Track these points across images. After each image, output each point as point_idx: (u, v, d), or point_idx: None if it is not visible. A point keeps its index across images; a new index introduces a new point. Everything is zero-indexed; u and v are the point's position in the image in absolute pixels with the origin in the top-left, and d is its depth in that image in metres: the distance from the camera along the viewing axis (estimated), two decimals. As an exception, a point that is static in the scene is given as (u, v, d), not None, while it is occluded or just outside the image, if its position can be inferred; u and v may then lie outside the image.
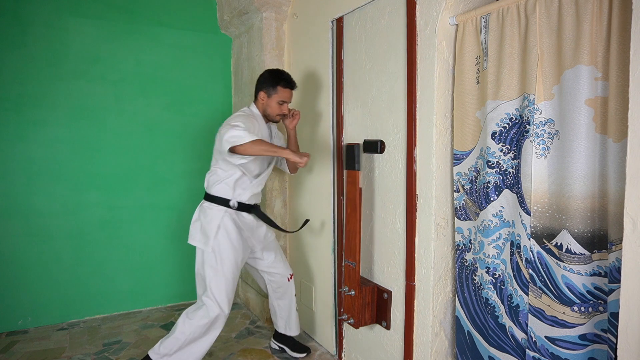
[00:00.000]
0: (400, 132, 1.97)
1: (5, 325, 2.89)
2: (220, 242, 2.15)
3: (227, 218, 2.18)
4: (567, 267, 1.46)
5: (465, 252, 1.82)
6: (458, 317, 1.86)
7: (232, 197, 2.20)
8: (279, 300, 2.53)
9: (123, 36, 3.06)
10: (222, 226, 2.16)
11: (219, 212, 2.18)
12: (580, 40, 1.37)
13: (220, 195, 2.20)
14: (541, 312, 1.54)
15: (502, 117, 1.61)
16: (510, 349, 1.67)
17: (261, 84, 2.27)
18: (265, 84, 2.25)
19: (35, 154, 2.88)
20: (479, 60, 1.69)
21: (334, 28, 2.40)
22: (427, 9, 1.79)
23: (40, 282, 2.94)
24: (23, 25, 2.80)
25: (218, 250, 2.15)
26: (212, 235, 2.14)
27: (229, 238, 2.17)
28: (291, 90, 2.28)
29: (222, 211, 2.18)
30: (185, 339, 2.13)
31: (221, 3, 3.26)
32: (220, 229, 2.16)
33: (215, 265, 2.15)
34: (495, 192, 1.67)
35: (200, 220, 2.22)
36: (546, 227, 1.51)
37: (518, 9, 1.52)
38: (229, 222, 2.18)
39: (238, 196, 2.21)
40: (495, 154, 1.65)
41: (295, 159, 1.98)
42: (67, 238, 2.99)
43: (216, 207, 2.19)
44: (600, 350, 1.44)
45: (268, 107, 2.26)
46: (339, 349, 2.50)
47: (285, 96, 2.26)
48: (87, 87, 2.98)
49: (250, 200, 2.26)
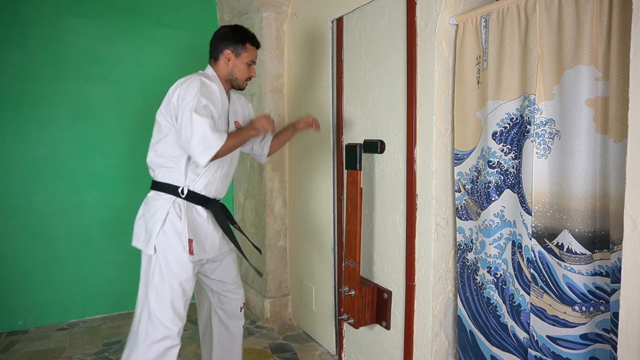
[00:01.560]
0: (400, 132, 1.97)
1: (5, 325, 2.89)
2: (165, 241, 1.70)
3: (175, 210, 1.73)
4: (568, 266, 1.46)
5: (467, 252, 1.82)
6: (460, 317, 1.86)
7: (183, 184, 1.76)
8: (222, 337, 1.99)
9: (123, 36, 3.06)
10: (169, 220, 1.71)
11: (165, 203, 1.73)
12: (580, 40, 1.37)
13: (168, 181, 1.77)
14: (543, 312, 1.54)
15: (503, 117, 1.61)
16: (512, 348, 1.67)
17: (225, 41, 1.85)
18: (230, 41, 1.84)
19: (35, 154, 2.88)
20: (479, 60, 1.69)
21: (334, 28, 2.40)
22: (427, 9, 1.79)
23: (40, 282, 2.94)
24: (23, 25, 2.80)
25: (162, 251, 1.70)
26: (155, 233, 1.69)
27: (177, 235, 1.71)
28: (257, 49, 1.93)
29: (170, 202, 1.73)
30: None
31: (221, 3, 3.26)
32: (165, 223, 1.71)
33: (161, 273, 1.69)
34: (496, 192, 1.67)
35: (144, 214, 1.79)
36: (547, 227, 1.51)
37: (518, 9, 1.52)
38: (177, 215, 1.73)
39: (190, 183, 1.76)
40: (496, 154, 1.65)
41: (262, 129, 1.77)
42: (67, 238, 2.99)
43: (163, 197, 1.75)
44: (601, 349, 1.44)
45: (236, 69, 1.85)
46: (339, 349, 2.50)
47: (255, 55, 1.90)
48: (87, 87, 2.98)
49: (205, 190, 1.79)
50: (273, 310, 3.00)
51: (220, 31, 1.89)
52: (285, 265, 3.04)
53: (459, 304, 1.86)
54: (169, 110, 1.73)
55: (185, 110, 1.63)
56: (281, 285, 3.04)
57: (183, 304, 1.73)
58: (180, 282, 1.72)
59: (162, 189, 1.78)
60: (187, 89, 1.68)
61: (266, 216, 2.95)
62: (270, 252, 2.98)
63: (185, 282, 1.73)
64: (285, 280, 3.05)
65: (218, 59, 1.86)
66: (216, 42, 1.87)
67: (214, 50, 1.88)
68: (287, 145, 2.96)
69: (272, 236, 2.97)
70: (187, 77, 1.76)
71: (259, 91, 2.95)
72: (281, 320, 3.03)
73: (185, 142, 1.65)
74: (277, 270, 3.02)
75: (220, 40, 1.86)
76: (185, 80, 1.73)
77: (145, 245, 1.72)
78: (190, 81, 1.71)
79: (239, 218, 3.42)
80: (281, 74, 2.92)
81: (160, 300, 1.68)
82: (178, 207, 1.74)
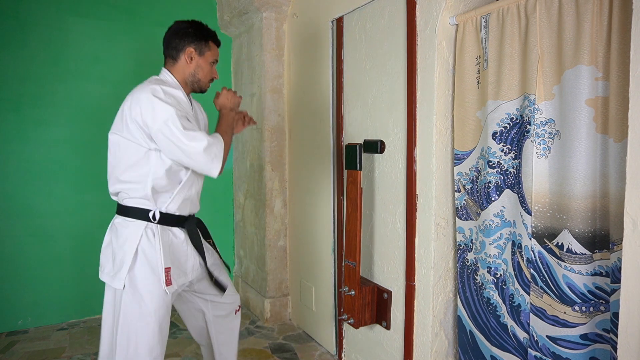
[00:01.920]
0: (400, 132, 1.97)
1: (5, 325, 2.89)
2: (138, 275, 1.50)
3: (148, 238, 1.53)
4: (568, 266, 1.46)
5: (467, 252, 1.82)
6: (460, 317, 1.86)
7: (154, 207, 1.56)
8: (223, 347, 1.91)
9: (123, 36, 3.06)
10: (141, 250, 1.51)
11: (136, 230, 1.53)
12: (580, 40, 1.37)
13: (136, 205, 1.55)
14: (542, 312, 1.54)
15: (503, 117, 1.61)
16: (512, 348, 1.67)
17: (186, 38, 1.64)
18: (193, 38, 1.65)
19: (35, 154, 2.88)
20: (479, 60, 1.69)
21: (334, 28, 2.40)
22: (427, 9, 1.79)
23: (40, 282, 2.94)
24: (23, 25, 2.80)
25: (134, 286, 1.50)
26: (127, 266, 1.49)
27: (150, 267, 1.51)
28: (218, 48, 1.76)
29: (142, 228, 1.53)
30: None
31: (221, 3, 3.26)
32: (137, 255, 1.51)
33: (130, 311, 1.49)
34: (496, 192, 1.67)
35: (111, 243, 1.57)
36: (547, 227, 1.51)
37: (518, 8, 1.52)
38: (149, 244, 1.53)
39: (162, 205, 1.57)
40: (496, 154, 1.65)
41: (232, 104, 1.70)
42: (67, 238, 2.99)
43: (133, 224, 1.54)
44: (601, 350, 1.44)
45: (199, 70, 1.67)
46: (339, 349, 2.50)
47: (217, 54, 1.74)
48: (87, 87, 2.98)
49: (180, 210, 1.61)
50: (273, 310, 3.00)
51: (177, 26, 1.67)
52: (285, 265, 3.04)
53: (458, 304, 1.86)
54: (128, 128, 1.50)
55: (169, 129, 1.45)
56: (281, 285, 3.04)
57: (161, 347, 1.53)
58: (158, 320, 1.51)
59: (130, 214, 1.55)
60: (152, 103, 1.47)
61: (266, 216, 2.95)
62: (270, 252, 2.98)
63: (163, 319, 1.54)
64: (285, 280, 3.05)
65: (177, 59, 1.65)
66: (175, 38, 1.65)
67: (171, 48, 1.65)
68: (287, 145, 2.96)
69: (272, 236, 2.97)
70: (141, 87, 1.54)
71: (259, 91, 2.95)
72: (281, 320, 3.03)
73: (186, 161, 1.51)
74: (277, 270, 3.01)
75: (180, 37, 1.64)
76: (142, 93, 1.50)
77: (112, 278, 1.51)
78: (151, 93, 1.48)
79: (239, 218, 3.42)
80: (281, 74, 2.92)
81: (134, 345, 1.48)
82: (151, 233, 1.54)
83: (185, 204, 1.63)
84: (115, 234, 1.56)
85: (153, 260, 1.52)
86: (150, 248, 1.52)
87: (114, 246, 1.55)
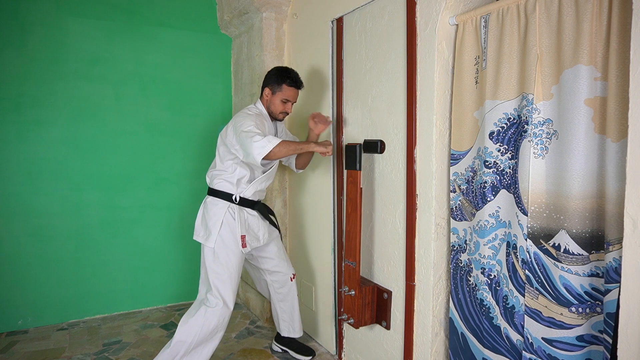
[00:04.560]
0: (400, 132, 1.97)
1: (5, 325, 2.89)
2: (223, 238, 2.16)
3: (230, 213, 2.18)
4: (565, 267, 1.45)
5: (460, 253, 1.81)
6: (452, 319, 1.85)
7: (235, 192, 2.20)
8: (282, 303, 2.51)
9: (123, 36, 3.06)
10: (225, 222, 2.16)
11: (222, 208, 2.18)
12: (579, 40, 1.37)
13: (223, 189, 2.21)
14: (538, 314, 1.54)
15: (500, 117, 1.61)
16: (505, 350, 1.67)
17: (267, 80, 2.27)
18: (271, 81, 2.26)
19: (35, 154, 2.88)
20: (478, 60, 1.69)
21: (334, 28, 2.40)
22: (427, 9, 1.79)
23: (40, 282, 2.94)
24: (23, 25, 2.80)
25: (222, 246, 2.15)
26: (215, 232, 2.15)
27: (232, 233, 2.17)
28: (297, 89, 2.28)
29: (226, 206, 2.18)
30: (187, 347, 2.07)
31: (221, 3, 3.26)
32: (223, 224, 2.16)
33: (219, 261, 2.15)
34: (492, 192, 1.66)
35: (204, 216, 2.23)
36: (543, 228, 1.51)
37: (518, 9, 1.52)
38: (231, 218, 2.18)
39: (241, 192, 2.21)
40: (492, 154, 1.65)
41: (321, 149, 2.10)
42: (68, 238, 3.00)
43: (220, 203, 2.19)
44: (597, 351, 1.43)
45: (271, 104, 2.27)
46: (339, 349, 2.50)
47: (290, 95, 2.26)
48: (87, 87, 2.98)
49: (254, 196, 2.26)
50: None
51: (269, 71, 2.30)
52: (285, 265, 3.04)
53: (451, 306, 1.85)
54: (229, 136, 2.16)
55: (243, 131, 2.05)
56: (281, 285, 3.03)
57: (235, 281, 2.20)
58: (235, 266, 2.19)
59: (218, 195, 2.21)
60: (243, 119, 2.12)
61: (266, 216, 2.95)
62: (270, 252, 2.98)
63: (237, 267, 2.20)
64: (285, 280, 3.05)
65: (262, 94, 2.31)
66: (264, 80, 2.31)
67: (262, 87, 2.32)
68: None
69: (272, 236, 2.97)
70: (241, 111, 2.25)
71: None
72: (281, 320, 3.04)
73: (245, 149, 2.03)
74: (277, 270, 3.01)
75: (265, 79, 2.30)
76: (240, 114, 2.20)
77: (205, 240, 2.18)
78: (245, 114, 2.17)
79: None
80: (281, 74, 2.92)
81: (219, 279, 2.15)
82: (232, 211, 2.19)
83: (256, 193, 2.28)
84: (207, 209, 2.22)
85: (233, 229, 2.18)
86: (231, 220, 2.19)
87: (206, 217, 2.21)
